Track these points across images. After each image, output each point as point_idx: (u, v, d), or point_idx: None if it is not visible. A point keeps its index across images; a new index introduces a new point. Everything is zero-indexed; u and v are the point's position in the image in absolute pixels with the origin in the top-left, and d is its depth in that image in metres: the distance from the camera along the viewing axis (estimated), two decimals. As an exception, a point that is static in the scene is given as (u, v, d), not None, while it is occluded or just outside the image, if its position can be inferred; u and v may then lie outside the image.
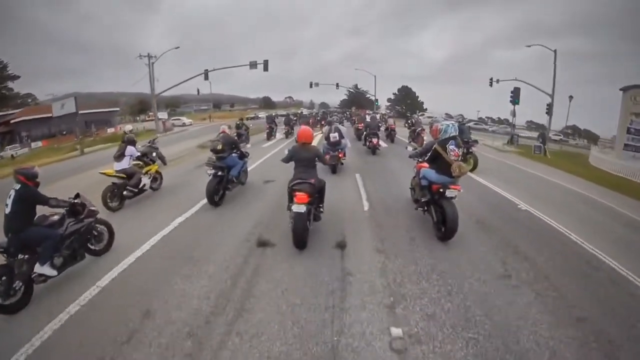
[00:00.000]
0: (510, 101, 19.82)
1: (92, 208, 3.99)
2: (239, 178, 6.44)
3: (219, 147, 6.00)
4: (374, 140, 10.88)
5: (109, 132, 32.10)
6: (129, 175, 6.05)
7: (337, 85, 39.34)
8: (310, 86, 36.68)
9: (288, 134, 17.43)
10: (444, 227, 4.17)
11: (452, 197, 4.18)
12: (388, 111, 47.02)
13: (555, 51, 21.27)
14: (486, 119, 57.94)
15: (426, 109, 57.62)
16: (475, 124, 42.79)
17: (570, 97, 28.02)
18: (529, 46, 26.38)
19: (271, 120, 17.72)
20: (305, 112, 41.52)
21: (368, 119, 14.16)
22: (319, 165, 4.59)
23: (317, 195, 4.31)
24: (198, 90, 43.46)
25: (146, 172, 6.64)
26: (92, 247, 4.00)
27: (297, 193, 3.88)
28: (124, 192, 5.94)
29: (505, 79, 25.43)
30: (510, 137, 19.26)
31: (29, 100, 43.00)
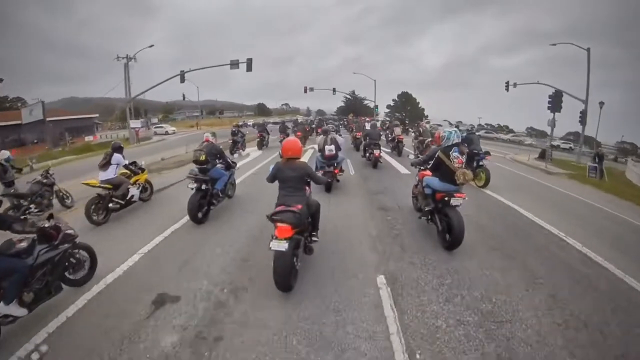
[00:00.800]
0: (549, 108, 16.63)
1: (69, 232, 3.38)
2: (225, 191, 5.90)
3: (202, 157, 5.44)
4: (376, 152, 9.85)
5: (86, 141, 29.82)
6: (115, 185, 5.60)
7: (334, 90, 37.14)
8: (305, 91, 35.33)
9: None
10: (450, 235, 4.07)
11: (457, 205, 4.14)
12: (387, 118, 46.08)
13: (588, 50, 18.97)
14: (485, 126, 57.87)
15: (427, 116, 55.91)
16: (486, 132, 41.77)
17: (601, 104, 22.56)
18: (554, 45, 22.44)
19: (262, 129, 16.86)
20: (299, 119, 40.10)
21: (368, 126, 13.49)
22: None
23: (308, 220, 3.68)
24: (184, 96, 43.04)
25: (134, 182, 6.15)
26: (70, 277, 3.44)
27: (278, 225, 3.14)
28: (110, 205, 5.48)
29: (524, 82, 23.02)
30: (543, 150, 15.89)
31: (19, 104, 42.21)
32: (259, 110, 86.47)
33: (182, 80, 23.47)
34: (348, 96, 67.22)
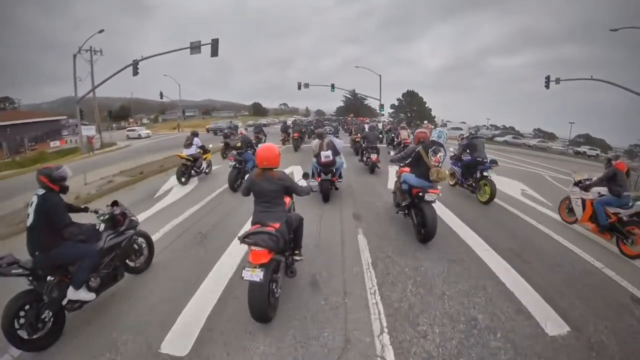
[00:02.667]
0: None
1: (133, 218, 3.63)
2: (253, 170, 7.80)
3: (239, 144, 8.23)
4: (373, 157, 9.38)
5: (52, 147, 26.34)
6: (194, 159, 8.73)
7: (333, 86, 34.56)
8: (299, 87, 33.18)
9: (285, 142, 17.63)
10: (424, 229, 4.51)
11: (431, 201, 4.55)
12: (391, 119, 44.06)
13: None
14: (490, 127, 56.29)
15: (434, 117, 53.65)
16: (514, 137, 35.34)
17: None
18: (615, 30, 20.95)
19: (259, 130, 16.16)
20: (288, 121, 36.11)
21: (366, 128, 13.01)
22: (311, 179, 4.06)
23: (290, 236, 3.45)
24: (161, 94, 41.46)
25: (205, 159, 9.35)
26: (132, 264, 3.71)
27: (252, 249, 2.82)
28: (191, 172, 8.66)
29: (567, 77, 21.43)
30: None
31: (7, 104, 41.59)
32: (254, 110, 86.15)
33: (135, 72, 19.87)
34: (348, 95, 65.90)
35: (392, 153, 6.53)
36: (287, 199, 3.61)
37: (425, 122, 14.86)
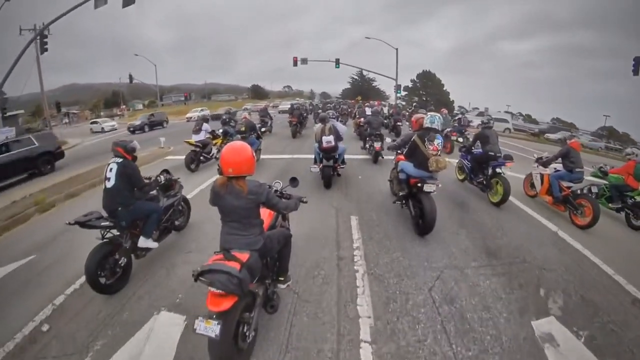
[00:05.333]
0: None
1: (181, 184, 4.74)
2: (255, 153, 8.45)
3: (243, 129, 9.03)
4: (377, 146, 9.18)
5: None
6: (204, 145, 8.94)
7: (337, 62, 29.26)
8: (295, 64, 28.46)
9: (296, 134, 15.13)
10: (422, 221, 4.53)
11: (430, 192, 4.50)
12: (404, 103, 40.06)
13: None
14: (518, 115, 48.23)
15: (453, 101, 49.57)
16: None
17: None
18: None
19: (264, 113, 15.55)
20: (285, 104, 34.32)
21: (368, 112, 12.70)
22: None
23: (275, 256, 2.94)
24: (130, 78, 36.25)
25: (215, 144, 9.45)
26: (177, 222, 4.66)
27: (209, 290, 2.19)
28: (201, 158, 8.83)
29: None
30: None
31: None
32: (253, 92, 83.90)
33: (43, 49, 18.16)
34: (355, 77, 63.94)
35: (388, 140, 6.31)
36: (271, 212, 3.01)
37: (445, 110, 13.08)
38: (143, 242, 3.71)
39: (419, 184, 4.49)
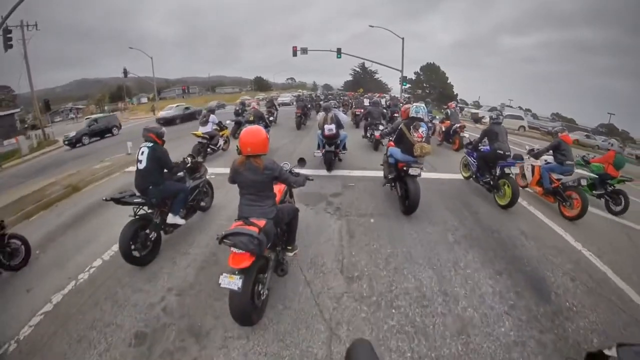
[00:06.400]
0: None
1: (206, 167, 5.24)
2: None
3: (251, 118, 9.43)
4: (377, 134, 9.85)
5: (7, 145, 21.74)
6: (211, 136, 9.24)
7: (339, 51, 28.72)
8: (294, 54, 28.34)
9: (301, 125, 15.72)
10: (407, 201, 5.15)
11: (415, 175, 5.10)
12: (407, 96, 39.68)
13: None
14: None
15: (457, 94, 49.26)
16: (586, 135, 25.56)
17: None
18: None
19: (271, 104, 16.40)
20: (284, 97, 37.18)
21: (367, 103, 13.68)
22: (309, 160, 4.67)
23: (284, 228, 3.40)
24: (125, 72, 36.02)
25: (222, 136, 9.79)
26: (202, 203, 5.11)
27: (232, 251, 2.68)
28: (208, 150, 9.12)
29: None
30: None
31: (4, 94, 38.45)
32: (256, 84, 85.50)
33: (6, 46, 17.52)
34: (357, 69, 65.04)
35: (381, 128, 6.90)
36: (281, 187, 3.66)
37: (454, 104, 12.73)
38: (171, 218, 4.13)
39: (405, 168, 5.08)
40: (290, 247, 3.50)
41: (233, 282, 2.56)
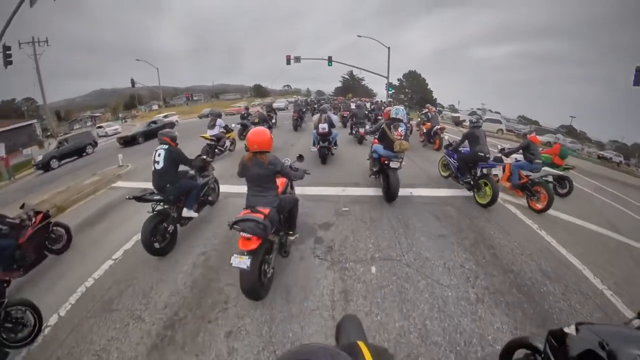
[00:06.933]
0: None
1: (213, 166, 5.63)
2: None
3: (256, 120, 11.01)
4: (361, 131, 11.05)
5: (24, 155, 20.38)
6: (218, 138, 9.91)
7: (330, 59, 29.42)
8: (288, 62, 28.98)
9: (297, 127, 16.33)
10: (388, 191, 5.67)
11: (395, 168, 5.65)
12: (391, 100, 41.02)
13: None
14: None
15: (436, 99, 52.32)
16: (571, 141, 27.59)
17: None
18: None
19: (270, 109, 17.24)
20: (279, 102, 39.24)
21: (353, 106, 15.34)
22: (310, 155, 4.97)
23: (286, 216, 3.71)
24: (132, 82, 37.05)
25: (228, 137, 10.46)
26: (210, 198, 5.58)
27: (241, 235, 3.01)
28: (215, 151, 9.76)
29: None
30: None
31: (27, 105, 38.66)
32: (255, 91, 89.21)
33: (6, 63, 18.16)
34: (346, 76, 68.20)
35: (367, 127, 7.94)
36: (283, 180, 3.94)
37: (428, 105, 14.01)
38: (186, 212, 4.44)
39: (387, 162, 5.58)
40: (291, 232, 3.83)
41: (242, 262, 2.87)
